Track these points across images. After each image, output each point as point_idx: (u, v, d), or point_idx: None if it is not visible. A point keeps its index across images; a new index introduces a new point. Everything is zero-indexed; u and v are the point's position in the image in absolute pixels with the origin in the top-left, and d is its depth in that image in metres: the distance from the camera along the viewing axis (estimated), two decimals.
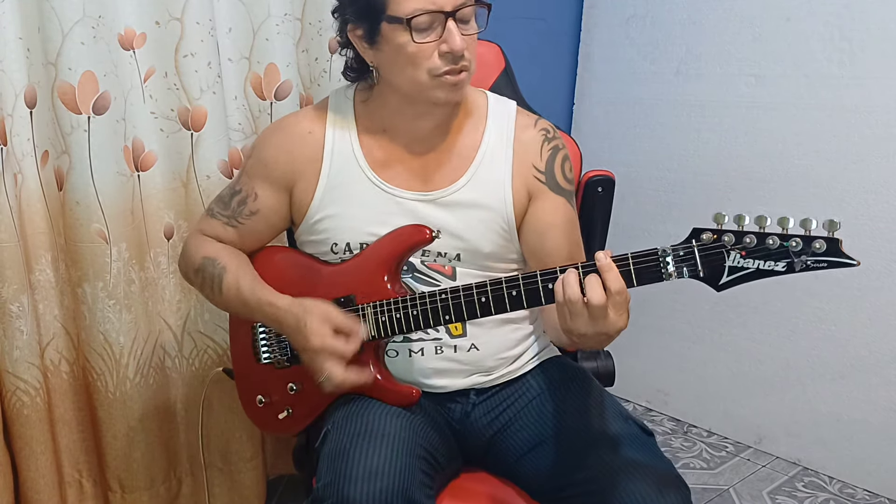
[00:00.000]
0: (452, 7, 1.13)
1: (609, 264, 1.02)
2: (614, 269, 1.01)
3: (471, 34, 1.17)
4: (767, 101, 2.06)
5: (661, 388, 2.47)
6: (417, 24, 1.13)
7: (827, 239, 0.93)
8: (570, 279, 1.03)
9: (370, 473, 1.05)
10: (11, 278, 1.44)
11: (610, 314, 1.02)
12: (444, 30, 1.14)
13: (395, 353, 1.27)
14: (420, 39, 1.14)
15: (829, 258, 0.93)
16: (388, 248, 1.21)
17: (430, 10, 1.12)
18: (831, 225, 0.92)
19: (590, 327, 1.03)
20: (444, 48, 1.14)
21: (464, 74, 1.18)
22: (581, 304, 1.02)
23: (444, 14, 1.13)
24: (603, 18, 2.40)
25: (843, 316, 2.01)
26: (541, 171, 1.28)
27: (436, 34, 1.14)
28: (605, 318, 1.02)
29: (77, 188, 1.51)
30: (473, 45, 1.19)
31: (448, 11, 1.13)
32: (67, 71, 1.44)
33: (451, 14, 1.13)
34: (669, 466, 1.14)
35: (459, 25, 1.15)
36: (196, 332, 1.71)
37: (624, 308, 1.03)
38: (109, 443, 1.63)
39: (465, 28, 1.17)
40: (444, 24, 1.14)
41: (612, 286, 1.01)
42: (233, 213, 1.32)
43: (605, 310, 1.01)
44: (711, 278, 1.00)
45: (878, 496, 2.02)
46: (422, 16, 1.12)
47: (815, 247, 0.93)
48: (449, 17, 1.13)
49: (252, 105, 1.71)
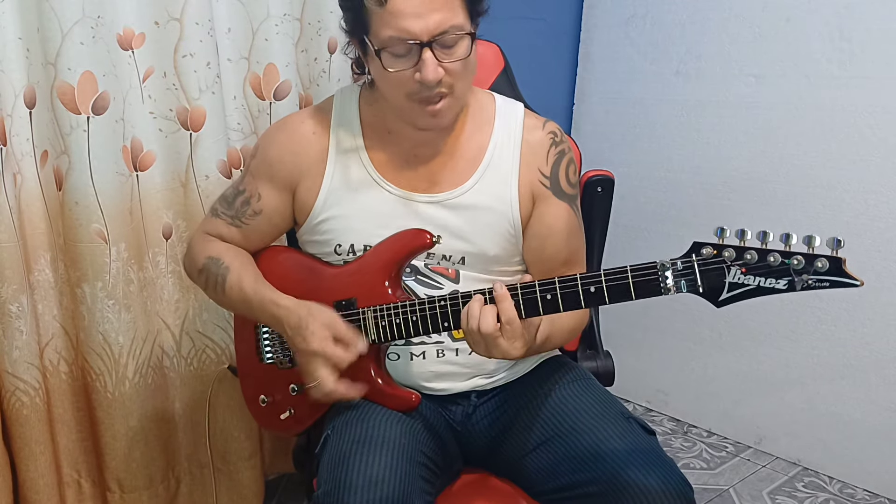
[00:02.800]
0: (429, 37, 1.10)
1: (503, 294, 1.07)
2: (507, 300, 1.06)
3: (454, 61, 1.13)
4: (767, 101, 2.06)
5: (661, 388, 2.47)
6: (393, 52, 1.11)
7: (830, 258, 0.91)
8: (472, 309, 1.08)
9: (370, 481, 1.05)
10: (11, 278, 1.44)
11: (502, 343, 1.07)
12: (420, 59, 1.11)
13: (396, 356, 1.27)
14: (393, 67, 1.12)
15: (832, 278, 0.92)
16: (388, 252, 1.21)
17: (403, 38, 1.10)
18: (835, 243, 0.90)
19: (486, 353, 1.09)
20: (417, 77, 1.12)
21: (443, 103, 1.16)
22: (478, 334, 1.07)
23: (419, 44, 1.11)
24: (603, 18, 2.40)
25: (843, 316, 2.01)
26: (546, 176, 1.27)
27: (412, 61, 1.12)
28: (497, 346, 1.07)
29: (76, 188, 1.51)
30: (460, 70, 1.15)
31: (424, 42, 1.10)
32: (67, 71, 1.44)
33: (428, 44, 1.10)
34: (672, 466, 1.13)
35: (441, 51, 1.12)
36: (195, 331, 1.70)
37: (517, 336, 1.07)
38: (108, 443, 1.63)
39: (448, 54, 1.13)
40: (419, 53, 1.11)
41: (503, 316, 1.06)
42: (236, 213, 1.32)
43: (495, 339, 1.06)
44: (711, 294, 0.99)
45: (878, 496, 2.02)
46: (396, 45, 1.11)
47: (817, 266, 0.92)
48: (425, 47, 1.10)
49: (251, 105, 1.71)
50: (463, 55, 1.14)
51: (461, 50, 1.14)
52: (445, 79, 1.13)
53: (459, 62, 1.14)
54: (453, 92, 1.16)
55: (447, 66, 1.12)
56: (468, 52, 1.14)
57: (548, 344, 1.22)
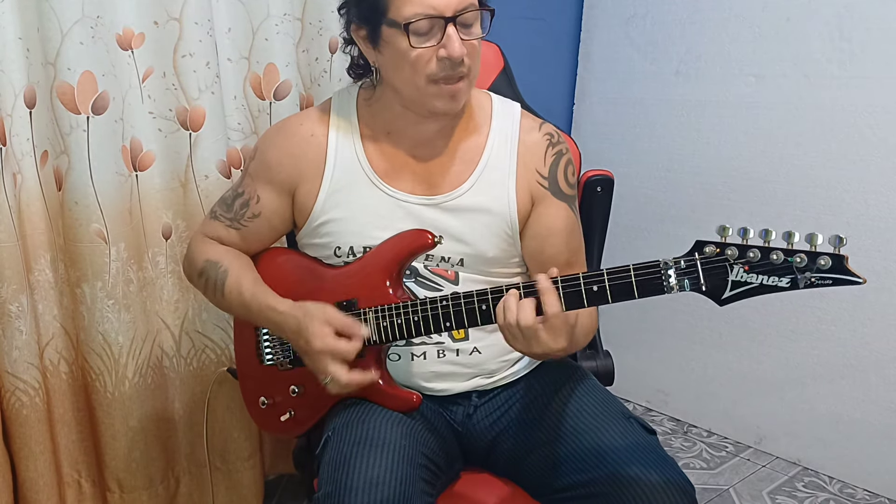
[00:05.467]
0: (453, 12, 1.11)
1: (548, 287, 1.04)
2: (552, 293, 1.04)
3: (473, 39, 1.15)
4: (767, 101, 2.06)
5: (661, 388, 2.47)
6: (416, 29, 1.11)
7: (832, 255, 0.91)
8: (509, 303, 1.06)
9: (371, 483, 1.05)
10: (11, 278, 1.44)
11: (542, 336, 1.04)
12: (444, 35, 1.12)
13: (397, 356, 1.27)
14: (418, 44, 1.12)
15: (834, 275, 0.92)
16: (390, 252, 1.21)
17: (429, 14, 1.10)
18: (837, 241, 0.90)
19: (526, 348, 1.06)
20: (442, 53, 1.13)
21: (462, 83, 1.17)
22: (517, 328, 1.04)
23: (443, 19, 1.11)
24: (603, 18, 2.40)
25: (843, 316, 2.01)
26: (544, 177, 1.27)
27: (435, 39, 1.12)
28: (536, 339, 1.04)
29: (76, 188, 1.51)
30: (476, 51, 1.17)
31: (448, 17, 1.11)
32: (66, 71, 1.44)
33: (452, 19, 1.11)
34: (673, 465, 1.13)
35: (461, 30, 1.13)
36: (194, 331, 1.70)
37: (562, 331, 1.05)
38: (108, 443, 1.63)
39: (468, 33, 1.14)
40: (443, 29, 1.12)
41: (548, 310, 1.04)
42: (235, 216, 1.32)
43: (536, 332, 1.04)
44: (714, 292, 0.99)
45: (878, 496, 2.02)
46: (421, 20, 1.11)
47: (819, 263, 0.92)
48: (449, 23, 1.11)
49: (251, 105, 1.71)
50: (480, 34, 1.17)
51: (478, 29, 1.16)
52: (465, 59, 1.14)
53: (476, 42, 1.16)
54: (470, 73, 1.18)
55: (467, 45, 1.14)
56: (486, 31, 1.17)
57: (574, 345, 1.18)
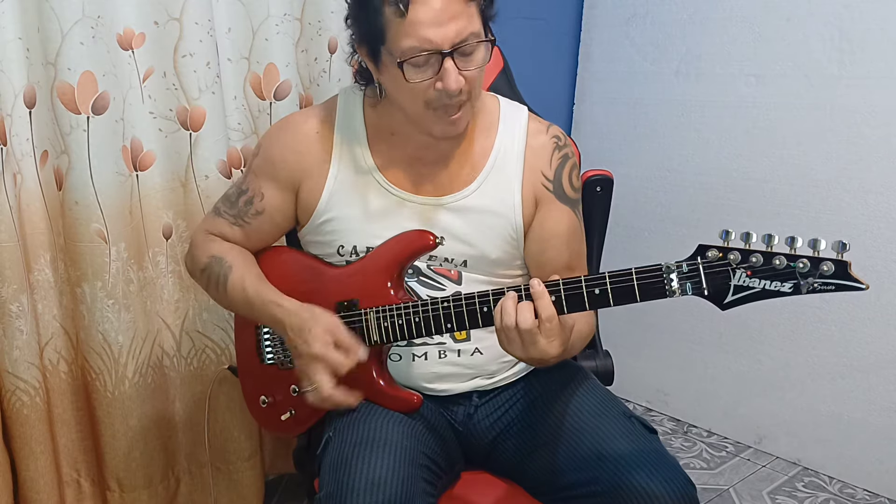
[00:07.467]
0: (451, 46, 1.09)
1: (541, 291, 1.04)
2: (546, 297, 1.04)
3: (472, 69, 1.13)
4: (767, 101, 2.06)
5: (661, 388, 2.47)
6: (413, 62, 1.10)
7: (835, 261, 0.91)
8: (507, 306, 1.06)
9: (372, 484, 1.05)
10: (11, 278, 1.44)
11: (540, 341, 1.05)
12: (441, 68, 1.10)
13: (398, 357, 1.27)
14: (414, 78, 1.10)
15: (837, 281, 0.92)
16: (391, 253, 1.20)
17: (425, 49, 1.09)
18: (841, 246, 0.90)
19: (522, 352, 1.06)
20: (439, 86, 1.11)
21: (461, 112, 1.16)
22: (515, 331, 1.05)
23: (440, 53, 1.09)
24: (603, 18, 2.40)
25: (843, 316, 2.01)
26: (549, 180, 1.27)
27: (432, 71, 1.10)
28: (535, 344, 1.05)
29: (76, 188, 1.51)
30: (476, 78, 1.15)
31: (446, 51, 1.09)
32: (67, 71, 1.44)
33: (449, 53, 1.09)
34: (675, 465, 1.13)
35: (460, 60, 1.11)
36: (194, 331, 1.70)
37: (555, 335, 1.05)
38: (108, 442, 1.63)
39: (468, 62, 1.12)
40: (440, 62, 1.10)
41: (543, 313, 1.04)
42: (239, 213, 1.32)
43: (534, 336, 1.04)
44: (716, 297, 0.99)
45: (878, 496, 2.02)
46: (416, 55, 1.09)
47: (822, 269, 0.92)
48: (446, 57, 1.09)
49: (251, 105, 1.71)
50: (481, 63, 1.14)
51: (479, 57, 1.13)
52: (464, 87, 1.13)
53: (477, 70, 1.14)
54: (471, 98, 1.16)
55: (466, 75, 1.12)
56: (487, 59, 1.14)
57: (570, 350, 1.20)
